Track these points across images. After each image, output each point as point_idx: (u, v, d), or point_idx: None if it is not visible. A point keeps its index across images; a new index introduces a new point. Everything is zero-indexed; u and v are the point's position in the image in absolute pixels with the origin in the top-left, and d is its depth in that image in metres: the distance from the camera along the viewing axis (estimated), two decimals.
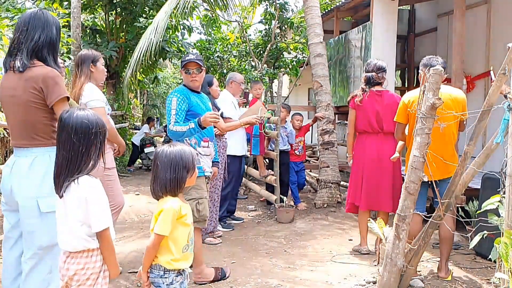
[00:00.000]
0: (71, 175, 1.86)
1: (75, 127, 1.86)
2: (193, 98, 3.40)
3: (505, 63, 2.43)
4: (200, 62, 3.43)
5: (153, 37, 6.58)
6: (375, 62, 4.10)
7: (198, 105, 3.41)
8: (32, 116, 2.28)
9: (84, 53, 3.45)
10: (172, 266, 2.08)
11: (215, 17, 11.19)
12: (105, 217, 1.83)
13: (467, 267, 3.76)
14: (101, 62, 3.47)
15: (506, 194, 2.35)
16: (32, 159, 2.27)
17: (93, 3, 9.45)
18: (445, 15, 7.61)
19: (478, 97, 6.41)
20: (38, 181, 2.25)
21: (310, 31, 6.58)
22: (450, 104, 3.29)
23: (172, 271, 2.10)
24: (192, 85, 3.43)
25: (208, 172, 3.42)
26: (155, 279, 2.10)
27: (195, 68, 3.40)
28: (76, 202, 1.83)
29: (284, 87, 14.07)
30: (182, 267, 2.13)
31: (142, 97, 20.16)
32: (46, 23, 2.34)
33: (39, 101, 2.27)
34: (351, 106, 4.13)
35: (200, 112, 3.34)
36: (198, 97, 3.47)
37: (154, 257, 2.09)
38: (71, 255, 1.86)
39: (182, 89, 3.41)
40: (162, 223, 2.03)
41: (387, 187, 3.94)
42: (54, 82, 2.26)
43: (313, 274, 3.64)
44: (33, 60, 2.29)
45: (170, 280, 2.11)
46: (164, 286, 2.09)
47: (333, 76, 7.76)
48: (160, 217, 2.05)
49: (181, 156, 2.11)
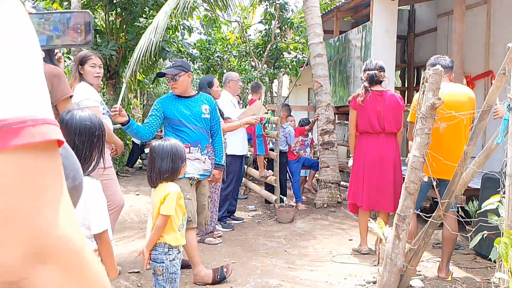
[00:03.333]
0: None
1: (79, 130, 1.83)
2: (174, 104, 3.49)
3: (505, 63, 2.43)
4: (174, 70, 3.46)
5: (153, 37, 6.58)
6: (376, 61, 4.09)
7: (179, 111, 3.47)
8: None
9: (77, 56, 3.43)
10: (177, 243, 2.39)
11: (215, 17, 11.19)
12: (104, 219, 1.83)
13: (467, 267, 3.76)
14: (89, 64, 3.34)
15: (506, 194, 2.35)
16: None
17: (93, 3, 9.45)
18: (445, 15, 7.62)
19: (478, 97, 6.41)
20: None
21: (310, 31, 6.58)
22: (466, 101, 3.33)
23: (175, 247, 2.43)
24: (173, 92, 3.56)
25: (193, 174, 3.43)
26: (158, 256, 2.41)
27: (170, 77, 3.48)
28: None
29: (284, 87, 14.07)
30: (183, 243, 2.50)
31: (142, 97, 20.17)
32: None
33: None
34: (351, 106, 4.11)
35: (176, 118, 3.47)
36: (184, 102, 3.52)
37: (160, 237, 2.41)
38: None
39: (165, 97, 3.60)
40: (168, 204, 2.36)
41: (388, 187, 3.94)
42: (59, 80, 2.24)
43: (313, 274, 3.64)
44: None
45: (173, 257, 2.44)
46: (167, 262, 2.41)
47: (333, 76, 7.76)
48: (167, 199, 2.36)
49: (176, 149, 2.49)
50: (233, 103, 5.05)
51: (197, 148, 3.50)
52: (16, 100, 0.42)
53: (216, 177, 3.73)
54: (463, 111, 3.10)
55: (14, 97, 0.42)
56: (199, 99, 3.59)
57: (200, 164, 3.48)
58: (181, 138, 3.36)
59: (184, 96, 3.54)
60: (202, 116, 3.52)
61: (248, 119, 4.68)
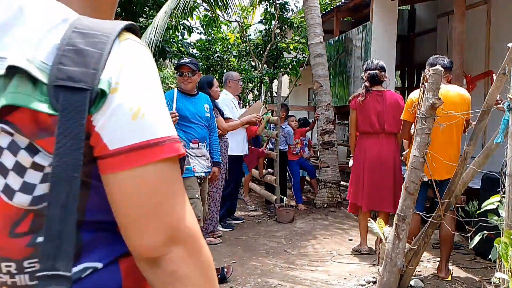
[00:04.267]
0: None
1: None
2: (182, 101, 3.58)
3: (505, 63, 2.43)
4: (193, 66, 3.58)
5: (153, 37, 6.58)
6: (376, 61, 4.09)
7: (187, 108, 3.57)
8: None
9: None
10: None
11: (215, 17, 11.18)
12: None
13: (467, 267, 3.76)
14: None
15: (506, 194, 2.35)
16: None
17: None
18: (445, 15, 7.61)
19: (478, 97, 6.41)
20: None
21: (310, 31, 6.58)
22: (459, 102, 3.32)
23: None
24: (184, 87, 3.62)
25: (200, 173, 3.54)
26: None
27: (189, 71, 3.57)
28: None
29: (284, 87, 14.06)
30: None
31: None
32: None
33: None
34: (352, 106, 4.11)
35: (185, 114, 3.53)
36: (190, 100, 3.63)
37: None
38: None
39: (169, 93, 3.61)
40: None
41: (388, 187, 3.93)
42: None
43: (313, 274, 3.64)
44: None
45: None
46: None
47: (333, 76, 7.76)
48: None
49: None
50: (233, 103, 5.05)
51: (204, 144, 3.65)
52: (166, 124, 0.62)
53: (215, 175, 3.85)
54: (455, 113, 3.12)
55: (165, 123, 0.62)
56: (201, 98, 3.77)
57: (204, 161, 3.62)
58: (190, 134, 3.53)
59: (190, 94, 3.67)
60: (205, 114, 3.69)
61: (248, 118, 4.69)
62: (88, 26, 0.61)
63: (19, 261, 0.62)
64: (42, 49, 0.58)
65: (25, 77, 0.56)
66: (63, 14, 0.62)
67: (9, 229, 0.61)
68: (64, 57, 0.58)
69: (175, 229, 0.62)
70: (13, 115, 0.57)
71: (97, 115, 0.58)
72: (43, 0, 0.63)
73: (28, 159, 0.58)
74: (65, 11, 0.63)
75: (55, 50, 0.58)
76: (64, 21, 0.62)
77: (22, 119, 0.57)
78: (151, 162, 0.59)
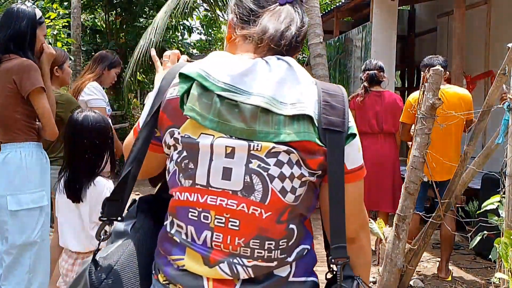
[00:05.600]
0: (93, 177, 1.87)
1: (94, 131, 1.86)
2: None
3: (505, 63, 2.43)
4: None
5: (153, 37, 6.59)
6: (375, 61, 4.09)
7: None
8: (8, 111, 2.27)
9: (105, 55, 3.48)
10: None
11: (215, 17, 11.19)
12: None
13: (467, 267, 3.76)
14: (115, 70, 3.48)
15: (506, 194, 2.35)
16: (5, 155, 2.26)
17: (93, 3, 9.46)
18: (445, 15, 7.61)
19: (478, 97, 6.41)
20: (9, 178, 2.24)
21: (310, 31, 6.56)
22: (457, 103, 3.32)
23: None
24: None
25: None
26: None
27: None
28: (93, 202, 1.84)
29: None
30: None
31: (142, 97, 20.18)
32: (16, 18, 2.31)
33: (14, 94, 2.24)
34: (350, 106, 4.09)
35: None
36: None
37: None
38: (80, 256, 1.87)
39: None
40: None
41: (387, 187, 3.93)
42: (27, 72, 2.23)
43: None
44: (8, 54, 2.29)
45: None
46: None
47: (333, 76, 7.76)
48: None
49: None
50: None
51: None
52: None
53: None
54: (455, 113, 3.11)
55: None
56: None
57: None
58: None
59: None
60: None
61: None
62: (327, 87, 0.96)
63: (277, 240, 0.91)
64: (310, 102, 0.92)
65: (309, 121, 0.90)
66: (308, 74, 0.97)
67: (276, 218, 0.91)
68: (324, 109, 0.92)
69: (363, 220, 1.03)
70: (296, 143, 0.89)
71: (347, 148, 0.93)
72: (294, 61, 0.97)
73: (297, 170, 0.90)
74: (305, 71, 0.98)
75: (316, 104, 0.92)
76: (312, 81, 0.96)
77: (302, 147, 0.89)
78: (360, 179, 0.98)
